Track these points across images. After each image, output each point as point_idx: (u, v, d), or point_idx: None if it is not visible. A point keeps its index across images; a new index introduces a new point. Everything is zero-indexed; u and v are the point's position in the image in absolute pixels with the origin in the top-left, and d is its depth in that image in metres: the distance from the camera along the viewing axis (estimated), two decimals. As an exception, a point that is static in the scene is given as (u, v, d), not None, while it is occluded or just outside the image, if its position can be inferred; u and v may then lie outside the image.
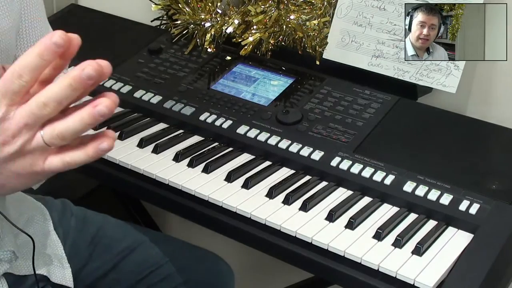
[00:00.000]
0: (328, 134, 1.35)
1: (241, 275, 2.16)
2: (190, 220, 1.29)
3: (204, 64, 1.59)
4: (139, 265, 1.36)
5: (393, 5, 1.45)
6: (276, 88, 1.50)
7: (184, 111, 1.46)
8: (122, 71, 1.59)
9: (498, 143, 1.34)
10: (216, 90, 1.51)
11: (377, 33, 1.46)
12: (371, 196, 1.24)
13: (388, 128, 1.36)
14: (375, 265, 1.08)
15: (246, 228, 1.19)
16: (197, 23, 1.61)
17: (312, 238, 1.13)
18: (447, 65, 1.39)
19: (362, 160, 1.28)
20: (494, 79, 1.49)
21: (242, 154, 1.36)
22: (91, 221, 1.37)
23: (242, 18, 1.57)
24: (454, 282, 1.05)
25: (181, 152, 1.34)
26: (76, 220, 1.35)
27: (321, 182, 1.28)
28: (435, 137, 1.34)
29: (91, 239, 1.34)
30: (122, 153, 1.34)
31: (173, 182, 1.27)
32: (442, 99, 1.47)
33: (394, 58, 1.44)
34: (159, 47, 1.65)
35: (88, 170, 1.39)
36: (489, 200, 1.18)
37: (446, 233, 1.16)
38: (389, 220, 1.17)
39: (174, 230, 2.16)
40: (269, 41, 1.54)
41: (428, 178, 1.23)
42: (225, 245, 1.97)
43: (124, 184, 1.33)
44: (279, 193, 1.24)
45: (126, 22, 1.78)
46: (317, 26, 1.51)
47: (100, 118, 0.70)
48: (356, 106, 1.41)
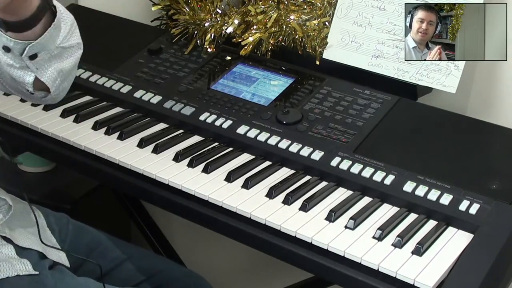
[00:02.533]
0: (328, 134, 1.35)
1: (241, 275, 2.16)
2: (190, 220, 1.29)
3: (204, 64, 1.59)
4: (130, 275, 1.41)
5: (393, 5, 1.45)
6: (276, 88, 1.50)
7: (184, 111, 1.46)
8: (122, 71, 1.59)
9: (498, 143, 1.34)
10: (216, 90, 1.51)
11: (377, 33, 1.46)
12: (371, 196, 1.24)
13: (388, 128, 1.36)
14: (375, 265, 1.08)
15: (246, 228, 1.19)
16: (197, 23, 1.61)
17: (312, 238, 1.13)
18: (447, 65, 1.39)
19: (362, 160, 1.28)
20: (494, 79, 1.49)
21: (242, 154, 1.36)
22: (87, 229, 1.43)
23: (242, 18, 1.57)
24: (454, 282, 1.05)
25: (181, 152, 1.34)
26: (73, 227, 1.40)
27: (321, 182, 1.28)
28: (435, 137, 1.34)
29: (87, 243, 1.40)
30: (122, 153, 1.34)
31: (173, 182, 1.27)
32: (442, 99, 1.47)
33: (394, 58, 1.44)
34: (159, 47, 1.65)
35: (88, 170, 1.39)
36: (489, 200, 1.18)
37: (446, 233, 1.16)
38: (389, 220, 1.17)
39: (174, 230, 2.16)
40: (269, 41, 1.54)
41: (428, 178, 1.23)
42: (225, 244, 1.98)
43: (124, 184, 1.33)
44: (279, 193, 1.24)
45: (126, 22, 1.78)
46: (317, 26, 1.51)
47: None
48: (356, 106, 1.41)
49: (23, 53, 1.06)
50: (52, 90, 1.15)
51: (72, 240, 1.37)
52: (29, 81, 1.11)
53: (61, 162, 1.54)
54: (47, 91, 1.16)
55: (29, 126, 1.44)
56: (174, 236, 2.13)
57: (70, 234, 1.38)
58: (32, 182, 1.97)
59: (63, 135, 1.40)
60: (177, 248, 2.01)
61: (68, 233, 1.38)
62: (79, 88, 1.54)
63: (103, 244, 1.42)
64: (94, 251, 1.39)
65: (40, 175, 2.00)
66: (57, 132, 1.41)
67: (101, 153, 1.35)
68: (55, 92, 1.16)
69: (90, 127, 1.43)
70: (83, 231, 1.42)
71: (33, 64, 1.09)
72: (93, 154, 1.36)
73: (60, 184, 1.98)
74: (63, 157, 1.41)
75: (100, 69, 1.60)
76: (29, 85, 1.12)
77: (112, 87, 1.54)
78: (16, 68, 1.09)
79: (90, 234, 1.42)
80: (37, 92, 1.15)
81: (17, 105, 1.51)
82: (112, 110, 1.51)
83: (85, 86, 1.56)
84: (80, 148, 1.38)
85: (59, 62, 1.12)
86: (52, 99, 1.20)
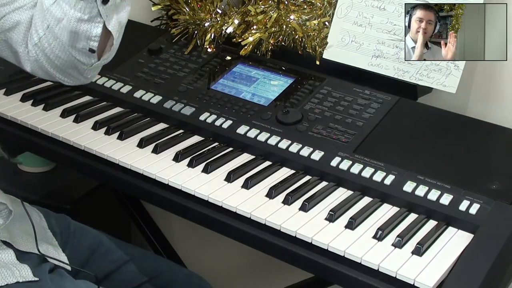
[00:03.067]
0: (328, 134, 1.35)
1: (241, 275, 2.16)
2: (190, 220, 1.29)
3: (204, 64, 1.59)
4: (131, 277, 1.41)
5: (393, 5, 1.45)
6: (276, 88, 1.50)
7: (184, 111, 1.46)
8: (122, 71, 1.59)
9: (498, 143, 1.34)
10: (216, 90, 1.51)
11: (377, 33, 1.46)
12: (371, 196, 1.24)
13: (388, 128, 1.36)
14: (375, 265, 1.08)
15: (246, 228, 1.19)
16: (197, 23, 1.61)
17: (312, 238, 1.13)
18: (447, 65, 1.39)
19: (362, 160, 1.28)
20: (494, 79, 1.49)
21: (242, 154, 1.36)
22: (89, 231, 1.43)
23: (242, 18, 1.57)
24: (454, 282, 1.05)
25: (181, 152, 1.34)
26: (74, 229, 1.40)
27: (321, 182, 1.28)
28: (435, 137, 1.34)
29: (89, 245, 1.40)
30: (122, 153, 1.34)
31: (173, 182, 1.27)
32: (442, 99, 1.47)
33: (394, 58, 1.44)
34: (159, 47, 1.65)
35: (88, 170, 1.39)
36: (489, 200, 1.18)
37: (446, 233, 1.16)
38: (389, 220, 1.17)
39: (174, 230, 2.16)
40: (269, 41, 1.54)
41: (428, 178, 1.23)
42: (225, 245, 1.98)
43: (124, 184, 1.33)
44: (279, 193, 1.24)
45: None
46: (317, 26, 1.51)
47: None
48: (356, 106, 1.41)
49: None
50: (114, 42, 1.13)
51: (74, 243, 1.38)
52: (96, 33, 1.09)
53: (61, 162, 1.54)
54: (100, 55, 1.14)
55: (29, 126, 1.44)
56: (174, 236, 2.13)
57: (71, 236, 1.38)
58: (32, 182, 1.97)
59: (63, 135, 1.40)
60: (177, 248, 2.01)
61: (69, 236, 1.38)
62: (79, 88, 1.54)
63: (105, 245, 1.42)
64: (96, 253, 1.40)
65: (40, 175, 2.00)
66: (57, 132, 1.41)
67: (101, 153, 1.35)
68: (114, 48, 1.14)
69: (90, 127, 1.43)
70: (85, 233, 1.42)
71: (104, 10, 1.07)
72: (93, 154, 1.36)
73: (60, 184, 1.98)
74: (63, 157, 1.41)
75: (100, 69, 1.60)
76: (96, 38, 1.10)
77: (112, 87, 1.54)
78: (83, 22, 1.07)
79: (91, 236, 1.42)
80: (95, 55, 1.13)
81: (17, 105, 1.51)
82: (112, 110, 1.51)
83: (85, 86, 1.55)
84: (80, 148, 1.38)
85: (119, 13, 1.11)
86: (96, 68, 1.18)
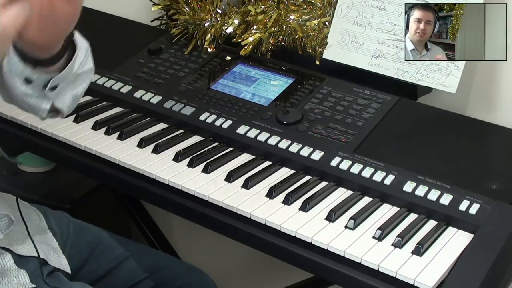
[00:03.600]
0: (328, 134, 1.35)
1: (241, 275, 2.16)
2: (190, 220, 1.29)
3: (204, 64, 1.59)
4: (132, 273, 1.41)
5: (393, 5, 1.45)
6: (276, 88, 1.50)
7: (184, 111, 1.46)
8: (122, 71, 1.59)
9: (498, 143, 1.34)
10: (216, 90, 1.51)
11: (377, 33, 1.46)
12: (371, 196, 1.24)
13: (388, 128, 1.36)
14: (375, 265, 1.08)
15: (246, 228, 1.19)
16: (197, 23, 1.61)
17: (312, 238, 1.13)
18: (447, 65, 1.39)
19: (362, 160, 1.28)
20: (494, 79, 1.49)
21: (242, 154, 1.36)
22: (88, 228, 1.42)
23: (242, 18, 1.57)
24: (454, 282, 1.05)
25: (181, 152, 1.34)
26: (74, 227, 1.40)
27: (321, 182, 1.28)
28: (435, 137, 1.34)
29: (88, 243, 1.39)
30: (122, 153, 1.34)
31: (173, 182, 1.27)
32: (442, 99, 1.47)
33: (394, 58, 1.44)
34: (159, 47, 1.65)
35: (88, 170, 1.39)
36: (489, 200, 1.18)
37: (446, 233, 1.16)
38: (389, 220, 1.17)
39: (174, 230, 2.16)
40: (269, 41, 1.54)
41: (428, 178, 1.23)
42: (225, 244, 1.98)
43: (124, 184, 1.33)
44: (279, 193, 1.24)
45: (126, 22, 1.78)
46: (317, 26, 1.51)
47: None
48: (356, 106, 1.41)
49: (46, 85, 1.04)
50: (65, 113, 1.14)
51: (73, 241, 1.37)
52: (45, 108, 1.10)
53: (61, 162, 1.54)
54: (58, 114, 1.15)
55: (29, 126, 1.44)
56: (174, 236, 2.13)
57: (71, 234, 1.38)
58: (32, 182, 1.97)
59: (63, 135, 1.40)
60: (177, 248, 2.01)
61: (69, 234, 1.37)
62: (79, 88, 1.54)
63: (104, 242, 1.42)
64: (96, 250, 1.39)
65: (40, 175, 2.00)
66: (57, 132, 1.41)
67: (101, 153, 1.35)
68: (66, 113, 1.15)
69: (90, 127, 1.43)
70: (84, 230, 1.42)
71: (53, 94, 1.07)
72: (93, 154, 1.36)
73: (60, 184, 1.98)
74: (63, 157, 1.41)
75: (100, 69, 1.59)
76: (45, 111, 1.11)
77: (112, 87, 1.54)
78: (33, 97, 1.07)
79: (91, 233, 1.42)
80: (49, 115, 1.14)
81: (17, 105, 1.51)
82: (112, 110, 1.51)
83: (85, 86, 1.56)
84: (80, 148, 1.38)
85: (74, 88, 1.11)
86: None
